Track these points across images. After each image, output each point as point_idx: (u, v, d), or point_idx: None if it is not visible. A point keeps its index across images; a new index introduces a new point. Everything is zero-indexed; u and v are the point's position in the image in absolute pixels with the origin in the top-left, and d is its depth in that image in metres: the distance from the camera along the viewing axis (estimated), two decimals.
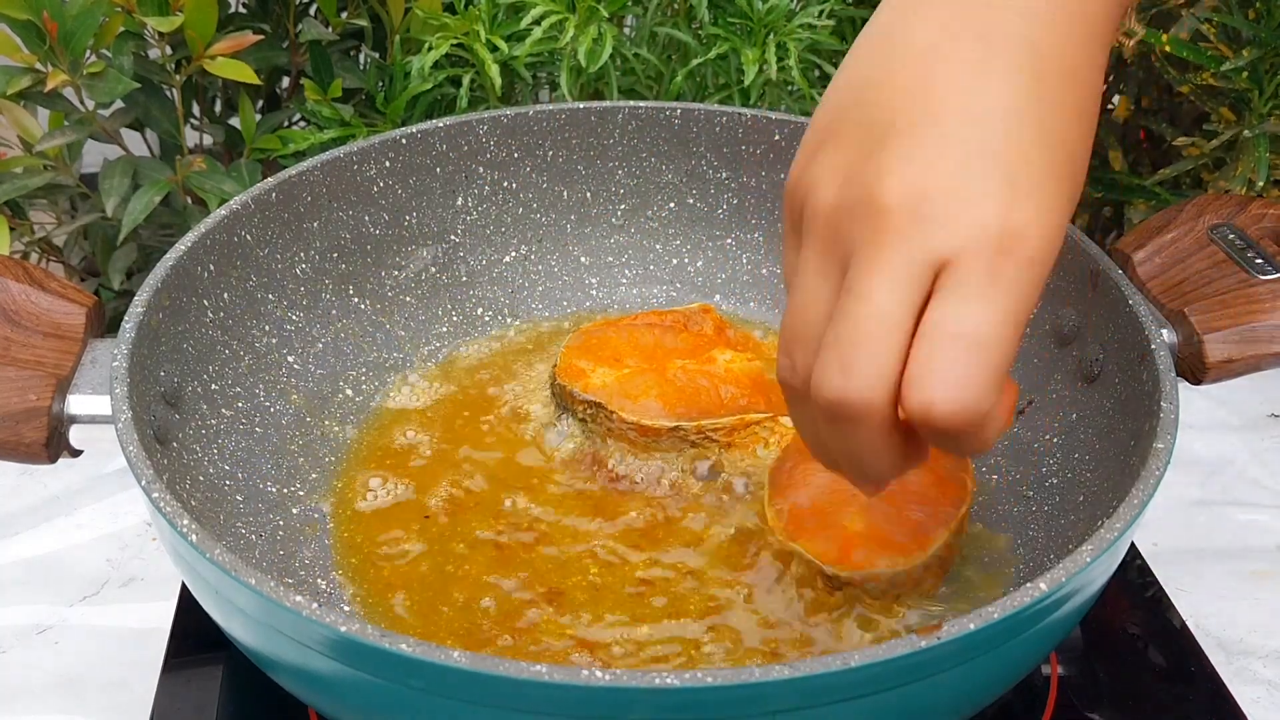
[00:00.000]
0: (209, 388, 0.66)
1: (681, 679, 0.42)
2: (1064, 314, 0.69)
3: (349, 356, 0.76)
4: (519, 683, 0.42)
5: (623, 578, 0.64)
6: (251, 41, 0.87)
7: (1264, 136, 0.85)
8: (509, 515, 0.68)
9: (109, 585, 0.76)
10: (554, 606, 0.62)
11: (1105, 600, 0.68)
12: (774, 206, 0.82)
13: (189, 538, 0.48)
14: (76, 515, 0.81)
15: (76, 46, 0.81)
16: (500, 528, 0.67)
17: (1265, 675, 0.71)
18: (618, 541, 0.66)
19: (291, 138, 0.90)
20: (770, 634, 0.61)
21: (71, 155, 0.93)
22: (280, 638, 0.47)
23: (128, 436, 0.53)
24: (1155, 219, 0.70)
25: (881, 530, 0.62)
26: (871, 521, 0.62)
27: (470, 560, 0.65)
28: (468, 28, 0.87)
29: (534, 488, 0.69)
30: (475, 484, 0.70)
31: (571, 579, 0.64)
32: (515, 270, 0.83)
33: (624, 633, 0.61)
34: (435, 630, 0.61)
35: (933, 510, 0.63)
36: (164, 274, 0.63)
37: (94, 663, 0.71)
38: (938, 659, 0.44)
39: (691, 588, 0.63)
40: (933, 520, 0.62)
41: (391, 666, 0.44)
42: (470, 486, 0.70)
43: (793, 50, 0.86)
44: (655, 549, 0.66)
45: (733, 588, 0.63)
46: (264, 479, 0.67)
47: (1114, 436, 0.62)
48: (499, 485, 0.70)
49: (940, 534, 0.62)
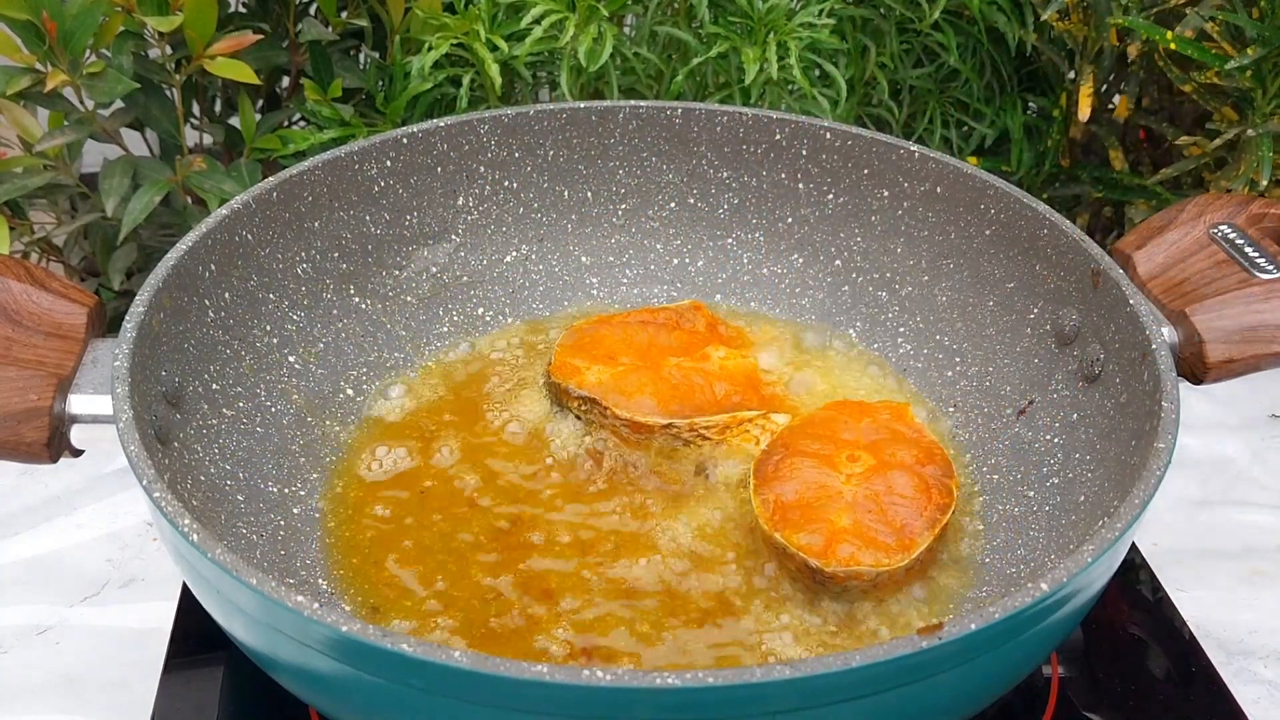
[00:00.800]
0: (210, 388, 0.66)
1: (682, 679, 0.42)
2: (1065, 314, 0.69)
3: (350, 356, 0.76)
4: (519, 682, 0.42)
5: (615, 572, 0.64)
6: (251, 41, 0.87)
7: (1267, 136, 0.85)
8: (507, 513, 0.68)
9: (109, 585, 0.76)
10: (548, 603, 0.62)
11: (1105, 600, 0.68)
12: (774, 206, 0.82)
13: (190, 537, 0.48)
14: (77, 515, 0.81)
15: (76, 46, 0.81)
16: (499, 524, 0.67)
17: (1266, 675, 0.71)
18: (611, 536, 0.66)
19: (291, 138, 0.90)
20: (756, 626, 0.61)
21: (71, 155, 0.93)
22: (281, 638, 0.47)
23: (129, 436, 0.53)
24: (1156, 218, 0.70)
25: (868, 529, 0.62)
26: (858, 519, 0.62)
27: (466, 555, 0.65)
28: (468, 27, 0.87)
29: (531, 485, 0.69)
30: (473, 482, 0.70)
31: (565, 574, 0.64)
32: (516, 270, 0.83)
33: (621, 631, 0.61)
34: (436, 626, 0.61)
35: (919, 513, 0.63)
36: (165, 274, 0.63)
37: (94, 663, 0.71)
38: (938, 659, 0.44)
39: (680, 580, 0.63)
40: (919, 523, 0.62)
41: (392, 666, 0.44)
42: (468, 484, 0.70)
43: (793, 49, 0.86)
44: (648, 543, 0.66)
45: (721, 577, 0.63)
46: (265, 479, 0.67)
47: (1115, 436, 0.62)
48: (497, 483, 0.70)
49: (925, 537, 0.62)
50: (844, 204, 0.80)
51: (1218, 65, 0.84)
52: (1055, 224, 0.69)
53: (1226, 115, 0.88)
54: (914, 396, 0.76)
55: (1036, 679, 0.66)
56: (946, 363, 0.76)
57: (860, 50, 0.96)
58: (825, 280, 0.81)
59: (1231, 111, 0.88)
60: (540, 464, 0.71)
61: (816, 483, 0.64)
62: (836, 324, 0.81)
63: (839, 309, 0.81)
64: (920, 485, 0.64)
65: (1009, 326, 0.73)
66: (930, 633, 0.44)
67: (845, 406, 0.71)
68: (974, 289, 0.75)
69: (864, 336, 0.80)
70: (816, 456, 0.66)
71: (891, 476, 0.65)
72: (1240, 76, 0.84)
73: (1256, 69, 0.84)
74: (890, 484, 0.64)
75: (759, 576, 0.64)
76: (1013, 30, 0.96)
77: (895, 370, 0.78)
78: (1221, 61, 0.84)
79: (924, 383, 0.76)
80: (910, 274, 0.78)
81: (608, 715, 0.43)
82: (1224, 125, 0.88)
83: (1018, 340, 0.72)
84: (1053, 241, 0.69)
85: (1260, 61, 0.83)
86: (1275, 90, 0.84)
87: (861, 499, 0.63)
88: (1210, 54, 0.85)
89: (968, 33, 0.98)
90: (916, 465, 0.65)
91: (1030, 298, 0.71)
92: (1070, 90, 0.96)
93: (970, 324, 0.75)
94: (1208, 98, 0.89)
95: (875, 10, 0.95)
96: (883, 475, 0.65)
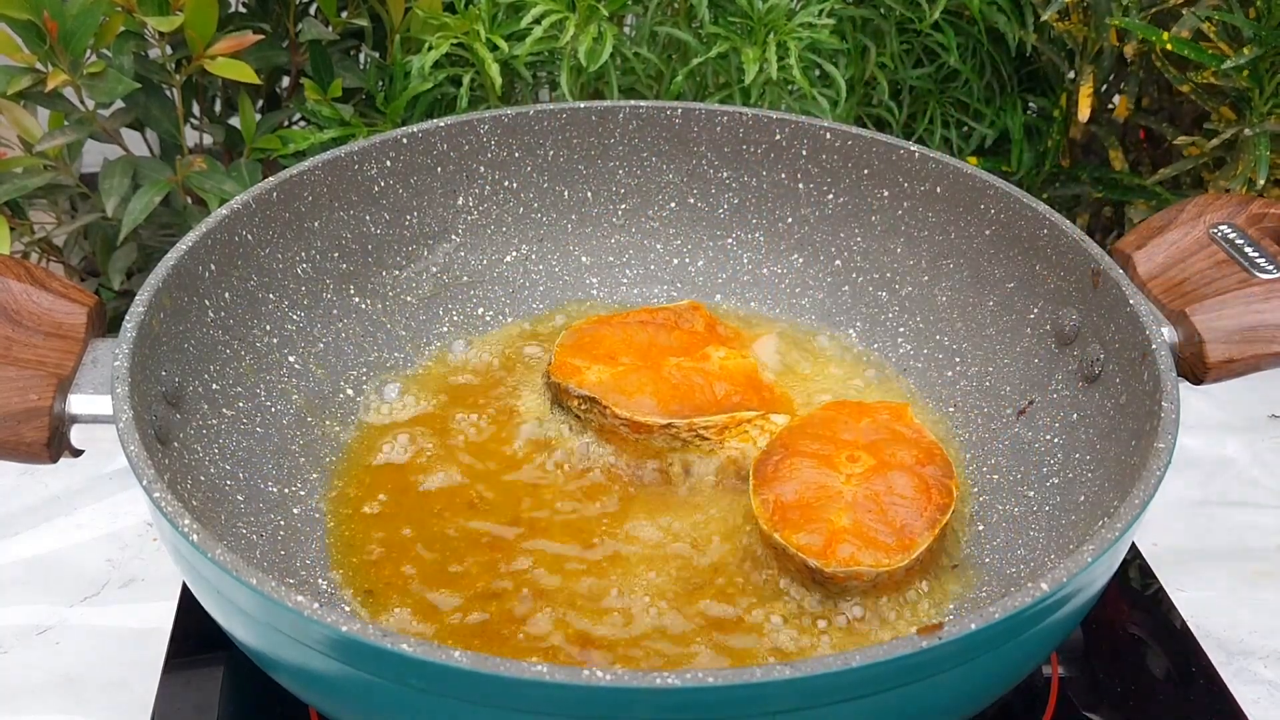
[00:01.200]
0: (210, 388, 0.66)
1: (682, 679, 0.42)
2: (1065, 314, 0.69)
3: (350, 356, 0.76)
4: (519, 682, 0.42)
5: (614, 570, 0.64)
6: (252, 41, 0.87)
7: (1265, 135, 0.85)
8: (507, 512, 0.68)
9: (109, 585, 0.76)
10: (547, 601, 0.62)
11: (1105, 601, 0.68)
12: (774, 206, 0.82)
13: (190, 538, 0.48)
14: (77, 515, 0.81)
15: (77, 46, 0.81)
16: (499, 523, 0.67)
17: (1266, 676, 0.71)
18: (610, 535, 0.66)
19: (291, 137, 0.90)
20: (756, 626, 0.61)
21: (71, 155, 0.93)
22: (281, 637, 0.47)
23: (129, 436, 0.53)
24: (1156, 218, 0.70)
25: (867, 529, 0.62)
26: (858, 519, 0.62)
27: (466, 554, 0.65)
28: (468, 27, 0.87)
29: (531, 484, 0.70)
30: (473, 481, 0.70)
31: (565, 573, 0.64)
32: (516, 270, 0.83)
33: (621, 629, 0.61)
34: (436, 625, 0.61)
35: (918, 513, 0.63)
36: (165, 274, 0.63)
37: (94, 663, 0.71)
38: (938, 659, 0.44)
39: (678, 579, 0.63)
40: (919, 523, 0.62)
41: (392, 666, 0.44)
42: (468, 483, 0.70)
43: (793, 49, 0.86)
44: (647, 541, 0.66)
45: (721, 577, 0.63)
46: (265, 479, 0.67)
47: (1115, 436, 0.62)
48: (497, 481, 0.70)
49: (925, 537, 0.62)
50: (844, 204, 0.80)
51: (1215, 65, 0.84)
52: (1055, 224, 0.69)
53: (1224, 115, 0.88)
54: (914, 396, 0.76)
55: (1037, 679, 0.66)
56: (946, 363, 0.76)
57: (860, 50, 0.96)
58: (825, 280, 0.81)
59: (1229, 111, 0.88)
60: (540, 463, 0.71)
61: (816, 483, 0.64)
62: (836, 324, 0.81)
63: (839, 309, 0.81)
64: (920, 485, 0.64)
65: (1009, 326, 0.73)
66: (930, 633, 0.44)
67: (844, 407, 0.71)
68: (974, 289, 0.75)
69: (864, 336, 0.80)
70: (816, 457, 0.66)
71: (891, 477, 0.65)
72: (1237, 76, 0.84)
73: (1253, 68, 0.84)
74: (890, 484, 0.64)
75: (758, 575, 0.64)
76: (1013, 30, 0.96)
77: (895, 370, 0.78)
78: (1218, 62, 0.84)
79: (924, 383, 0.76)
80: (910, 274, 0.78)
81: (608, 715, 0.43)
82: (1222, 125, 0.88)
83: (1018, 340, 0.72)
84: (1053, 241, 0.69)
85: (1257, 61, 0.83)
86: (1272, 89, 0.84)
87: (861, 499, 0.63)
88: (1207, 54, 0.85)
89: (968, 33, 0.98)
90: (916, 465, 0.65)
91: (1030, 298, 0.71)
92: (1070, 90, 0.96)
93: (970, 324, 0.75)
94: (1205, 98, 0.89)
95: (875, 10, 0.95)
96: (882, 475, 0.65)
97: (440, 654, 0.42)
